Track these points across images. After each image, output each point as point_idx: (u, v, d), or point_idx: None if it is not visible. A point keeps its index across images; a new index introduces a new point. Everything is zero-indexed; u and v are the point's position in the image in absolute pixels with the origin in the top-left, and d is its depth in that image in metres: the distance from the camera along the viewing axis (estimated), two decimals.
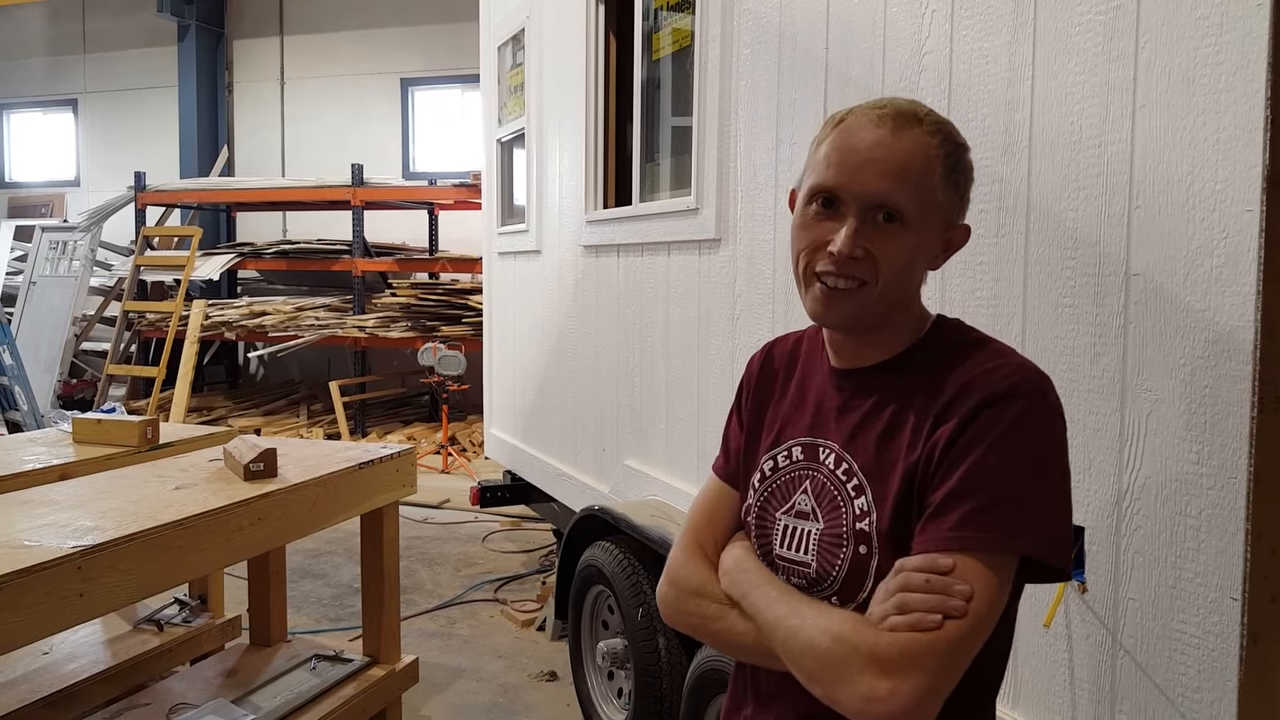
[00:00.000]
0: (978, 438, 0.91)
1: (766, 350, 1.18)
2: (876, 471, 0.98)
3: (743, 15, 2.34)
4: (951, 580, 0.87)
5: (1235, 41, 1.19)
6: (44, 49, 10.77)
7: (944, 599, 0.87)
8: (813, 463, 1.04)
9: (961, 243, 1.03)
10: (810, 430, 1.06)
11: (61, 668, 2.50)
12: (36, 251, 8.42)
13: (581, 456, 3.39)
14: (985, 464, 0.90)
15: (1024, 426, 0.91)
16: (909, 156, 0.96)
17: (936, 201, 0.97)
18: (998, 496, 0.89)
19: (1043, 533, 0.91)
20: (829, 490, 1.02)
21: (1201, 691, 1.24)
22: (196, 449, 2.68)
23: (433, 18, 9.19)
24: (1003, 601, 0.90)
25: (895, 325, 1.02)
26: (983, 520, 0.89)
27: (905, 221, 0.96)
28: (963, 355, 0.97)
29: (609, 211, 3.15)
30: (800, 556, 1.02)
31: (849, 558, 0.98)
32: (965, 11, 1.62)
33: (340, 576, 4.47)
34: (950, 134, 1.00)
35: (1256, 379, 1.17)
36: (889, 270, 0.96)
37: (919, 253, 0.98)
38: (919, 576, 0.88)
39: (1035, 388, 0.94)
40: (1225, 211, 1.20)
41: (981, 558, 0.88)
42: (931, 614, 0.86)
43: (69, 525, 1.79)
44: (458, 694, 3.24)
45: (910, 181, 0.95)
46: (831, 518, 1.01)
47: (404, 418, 8.32)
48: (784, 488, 1.06)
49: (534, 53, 3.74)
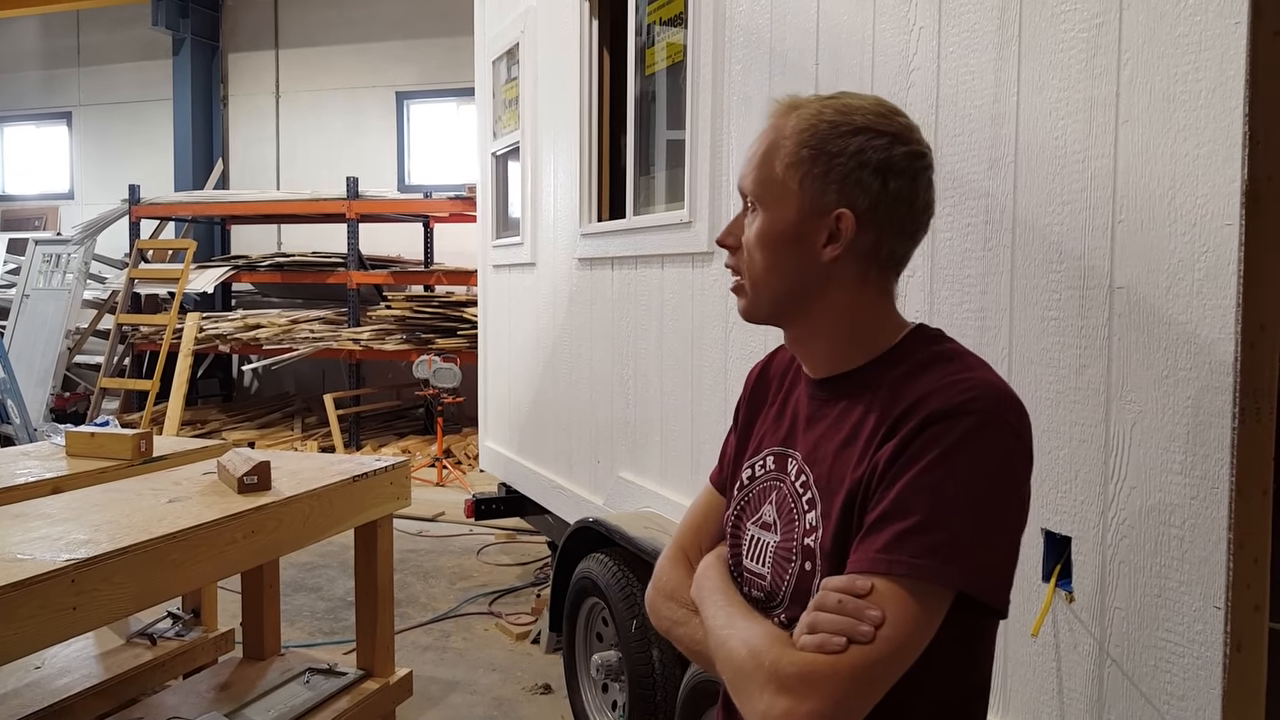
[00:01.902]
0: (918, 455, 0.85)
1: (766, 360, 1.16)
2: (828, 486, 0.95)
3: (734, 31, 2.37)
4: (864, 604, 0.82)
5: (1214, 59, 1.21)
6: (38, 62, 10.79)
7: (853, 623, 0.82)
8: (781, 474, 1.03)
9: (850, 230, 0.93)
10: (784, 440, 1.05)
11: (53, 682, 2.49)
12: (30, 264, 8.40)
13: (576, 469, 3.39)
14: (921, 483, 0.84)
15: (969, 446, 0.85)
16: (765, 141, 0.99)
17: (777, 181, 0.96)
18: (929, 520, 0.83)
19: (977, 563, 0.84)
20: (788, 503, 1.00)
21: (1187, 700, 1.25)
22: (190, 462, 2.68)
23: (428, 32, 9.24)
24: (925, 634, 0.83)
25: (827, 324, 0.98)
26: (911, 544, 0.83)
27: (762, 204, 0.97)
28: (927, 368, 0.92)
29: (603, 224, 3.17)
30: (759, 569, 1.01)
31: (795, 573, 0.96)
32: (952, 29, 1.65)
33: (334, 590, 4.46)
34: (825, 116, 0.95)
35: (1237, 390, 1.18)
36: (753, 256, 0.98)
37: (781, 237, 0.96)
38: (833, 597, 0.84)
39: (989, 405, 0.87)
40: (1206, 226, 1.22)
41: (904, 584, 0.82)
42: (836, 636, 0.82)
43: (62, 538, 1.79)
44: (452, 707, 3.23)
45: (756, 164, 0.98)
46: (786, 531, 0.99)
47: (399, 430, 8.31)
48: (756, 498, 1.05)
49: (528, 67, 3.77)
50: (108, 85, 10.50)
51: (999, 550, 0.87)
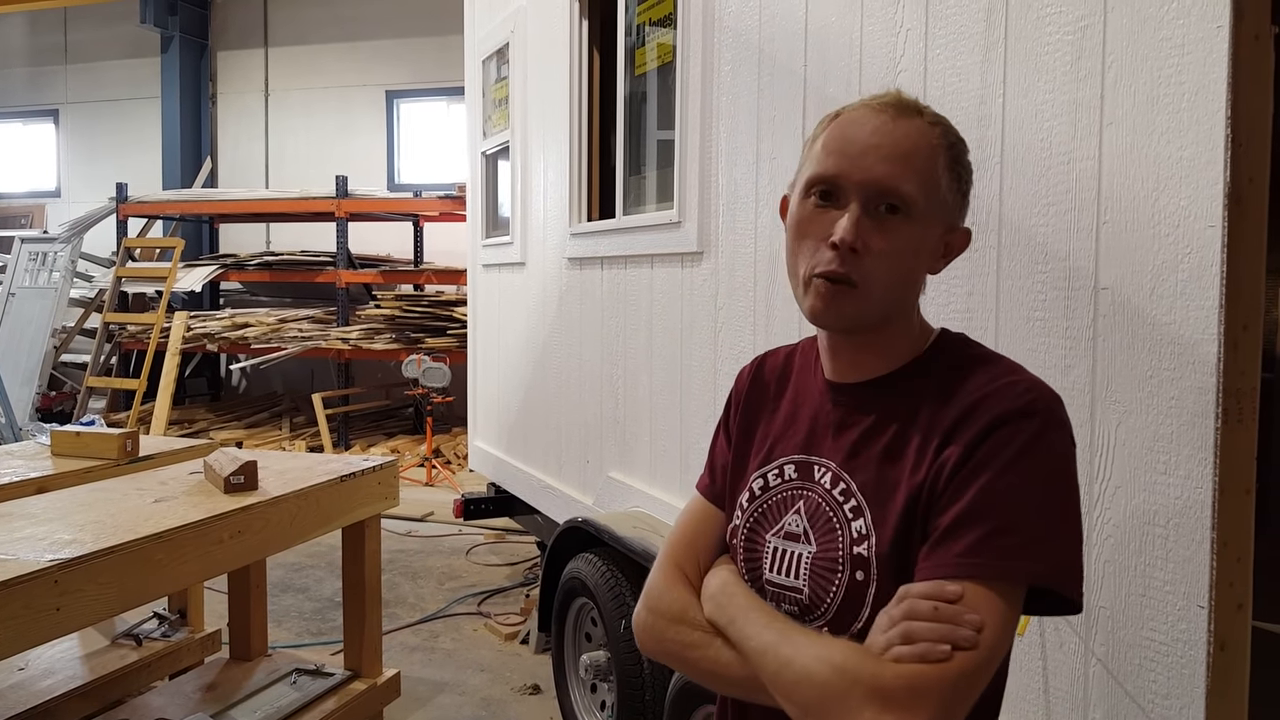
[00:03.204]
0: (989, 458, 0.85)
1: (757, 363, 1.12)
2: (877, 493, 0.92)
3: (723, 32, 2.37)
4: (961, 609, 0.82)
5: (1197, 62, 1.22)
6: (25, 59, 10.70)
7: (953, 629, 0.81)
8: (807, 482, 0.98)
9: (962, 247, 0.98)
10: (804, 448, 1.00)
11: (37, 683, 2.48)
12: (16, 263, 8.34)
13: (565, 469, 3.39)
14: (997, 487, 0.85)
15: (1038, 448, 0.86)
16: (913, 143, 0.90)
17: (940, 194, 0.92)
18: (1010, 522, 0.84)
19: (1056, 561, 0.85)
20: (824, 511, 0.96)
21: (1171, 698, 1.26)
22: (177, 462, 2.67)
23: (418, 31, 9.21)
24: (1013, 632, 0.86)
25: (895, 333, 0.96)
26: (994, 547, 0.83)
27: (909, 213, 0.90)
28: (971, 371, 0.92)
29: (593, 224, 3.17)
30: (792, 581, 0.96)
31: (844, 584, 0.92)
32: (939, 31, 1.66)
33: (322, 590, 4.44)
34: (950, 128, 0.95)
35: (1220, 391, 1.19)
36: (890, 267, 0.90)
37: (921, 250, 0.92)
38: (926, 604, 0.82)
39: (1049, 406, 0.88)
40: (1189, 227, 1.23)
41: (992, 585, 0.83)
42: (940, 644, 0.80)
43: (46, 538, 1.78)
44: (440, 708, 3.23)
45: (915, 168, 0.90)
46: (826, 541, 0.95)
47: (388, 430, 8.28)
48: (775, 508, 1.00)
49: (519, 66, 3.77)
50: (95, 83, 10.43)
51: (1075, 544, 0.88)
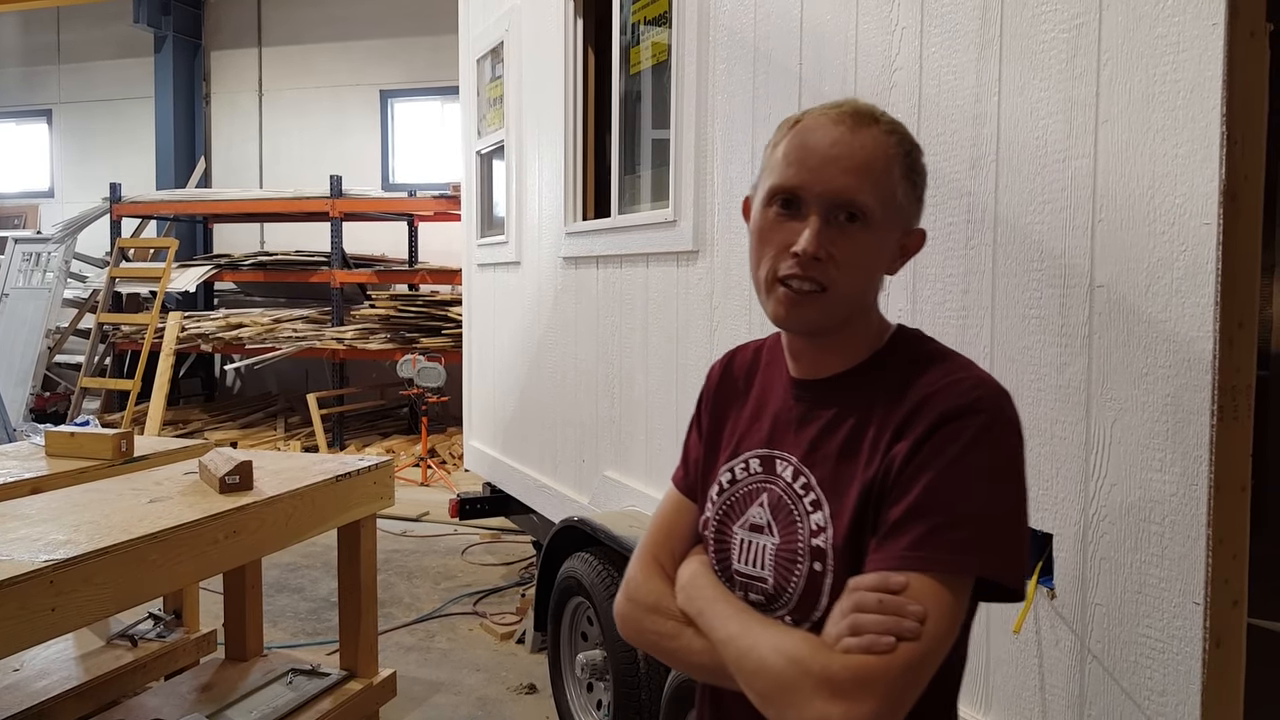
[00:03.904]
0: (936, 453, 0.88)
1: (727, 359, 1.15)
2: (834, 486, 0.95)
3: (719, 31, 2.37)
4: (904, 601, 0.84)
5: (1192, 60, 1.22)
6: (17, 59, 10.66)
7: (898, 621, 0.84)
8: (771, 475, 1.02)
9: (918, 248, 1.02)
10: (768, 442, 1.04)
11: (32, 684, 2.47)
12: (9, 263, 8.31)
13: (561, 468, 3.39)
14: (943, 481, 0.88)
15: (984, 443, 0.89)
16: (870, 154, 0.94)
17: (897, 200, 0.95)
18: (955, 516, 0.87)
19: (1000, 554, 0.88)
20: (785, 504, 0.99)
21: (1167, 695, 1.27)
22: (171, 462, 2.66)
23: (412, 30, 9.20)
24: (958, 623, 0.88)
25: (855, 332, 1.00)
26: (939, 540, 0.86)
27: (867, 221, 0.93)
28: (924, 368, 0.95)
29: (588, 223, 3.17)
30: (758, 571, 1.00)
31: (804, 574, 0.95)
32: (934, 29, 1.66)
33: (317, 590, 4.43)
34: (905, 135, 0.98)
35: (1216, 388, 1.20)
36: (851, 273, 0.94)
37: (879, 254, 0.97)
38: (871, 596, 0.85)
39: (996, 403, 0.91)
40: (1185, 225, 1.24)
41: (937, 578, 0.85)
42: (885, 636, 0.83)
43: (41, 539, 1.77)
44: (436, 707, 3.22)
45: (872, 179, 0.93)
46: (787, 533, 0.98)
47: (383, 430, 8.27)
48: (741, 501, 1.04)
49: (513, 65, 3.76)
50: (88, 83, 10.40)
51: (1018, 537, 0.91)
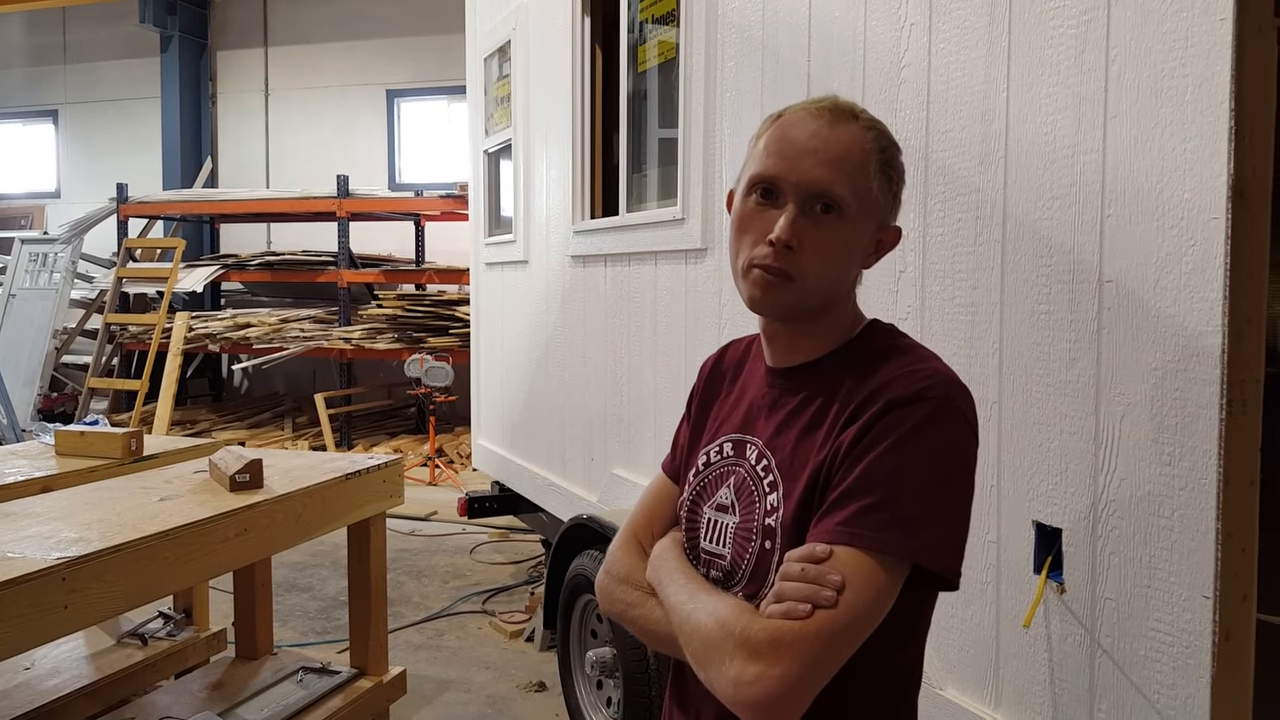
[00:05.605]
0: (880, 438, 0.91)
1: (721, 352, 1.21)
2: (791, 468, 0.99)
3: (726, 28, 2.37)
4: (824, 570, 0.87)
5: (1200, 55, 1.22)
6: (24, 60, 10.70)
7: (816, 589, 0.87)
8: (739, 458, 1.06)
9: (893, 244, 1.04)
10: (741, 427, 1.08)
11: (44, 683, 2.48)
12: (16, 264, 8.34)
13: (570, 466, 3.40)
14: (882, 464, 0.90)
15: (927, 431, 0.91)
16: (846, 148, 0.97)
17: (872, 195, 0.98)
18: (890, 496, 0.89)
19: (927, 538, 0.90)
20: (748, 485, 1.04)
21: (1176, 688, 1.27)
22: (181, 461, 2.67)
23: (419, 29, 9.21)
24: (885, 602, 0.89)
25: (828, 322, 1.03)
26: (870, 518, 0.89)
27: (842, 212, 0.96)
28: (886, 359, 0.98)
29: (596, 222, 3.17)
30: (719, 549, 1.05)
31: (756, 551, 1.00)
32: (942, 25, 1.66)
33: (327, 589, 4.45)
34: (884, 132, 1.01)
35: (1225, 382, 1.20)
36: (823, 263, 0.97)
37: (853, 247, 0.99)
38: (796, 566, 0.89)
39: (945, 392, 0.94)
40: (1193, 220, 1.24)
41: (863, 552, 0.88)
42: (802, 604, 0.87)
43: (53, 537, 1.78)
44: (446, 705, 3.23)
45: (847, 172, 0.96)
46: (746, 512, 1.02)
47: (390, 430, 8.28)
48: (713, 482, 1.09)
49: (520, 64, 3.77)
50: (94, 83, 10.43)
51: (951, 525, 0.93)
